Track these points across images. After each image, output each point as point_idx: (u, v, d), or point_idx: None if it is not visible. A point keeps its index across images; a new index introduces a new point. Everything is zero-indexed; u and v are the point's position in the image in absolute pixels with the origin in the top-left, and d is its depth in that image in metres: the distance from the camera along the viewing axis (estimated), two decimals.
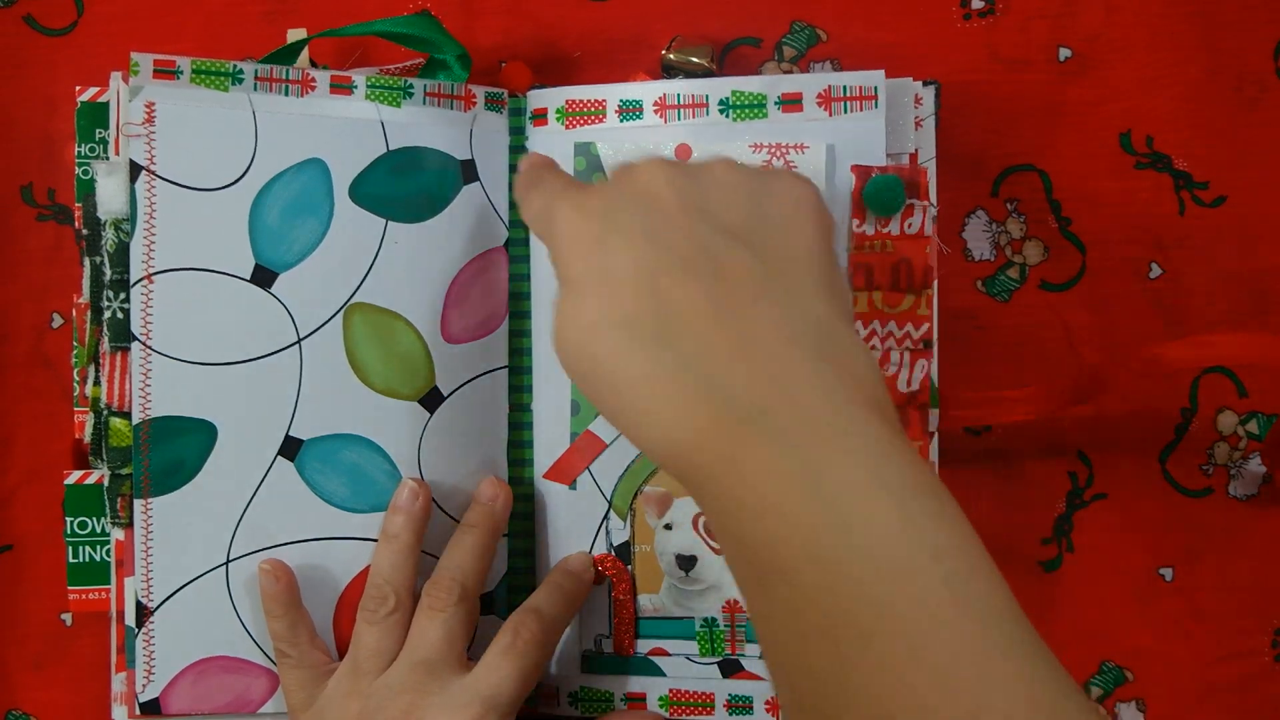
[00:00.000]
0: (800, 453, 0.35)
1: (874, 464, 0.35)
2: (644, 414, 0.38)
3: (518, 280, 0.55)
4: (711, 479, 0.37)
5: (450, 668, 0.50)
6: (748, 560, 0.37)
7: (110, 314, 0.52)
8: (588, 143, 0.53)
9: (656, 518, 0.54)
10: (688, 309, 0.38)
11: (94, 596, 0.55)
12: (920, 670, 0.33)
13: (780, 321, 0.38)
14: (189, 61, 0.51)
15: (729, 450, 0.36)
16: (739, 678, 0.53)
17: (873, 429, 0.36)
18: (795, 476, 0.35)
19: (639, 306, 0.38)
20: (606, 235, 0.39)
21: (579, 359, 0.39)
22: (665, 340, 0.37)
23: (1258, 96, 0.56)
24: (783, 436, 0.36)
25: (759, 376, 0.37)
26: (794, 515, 0.35)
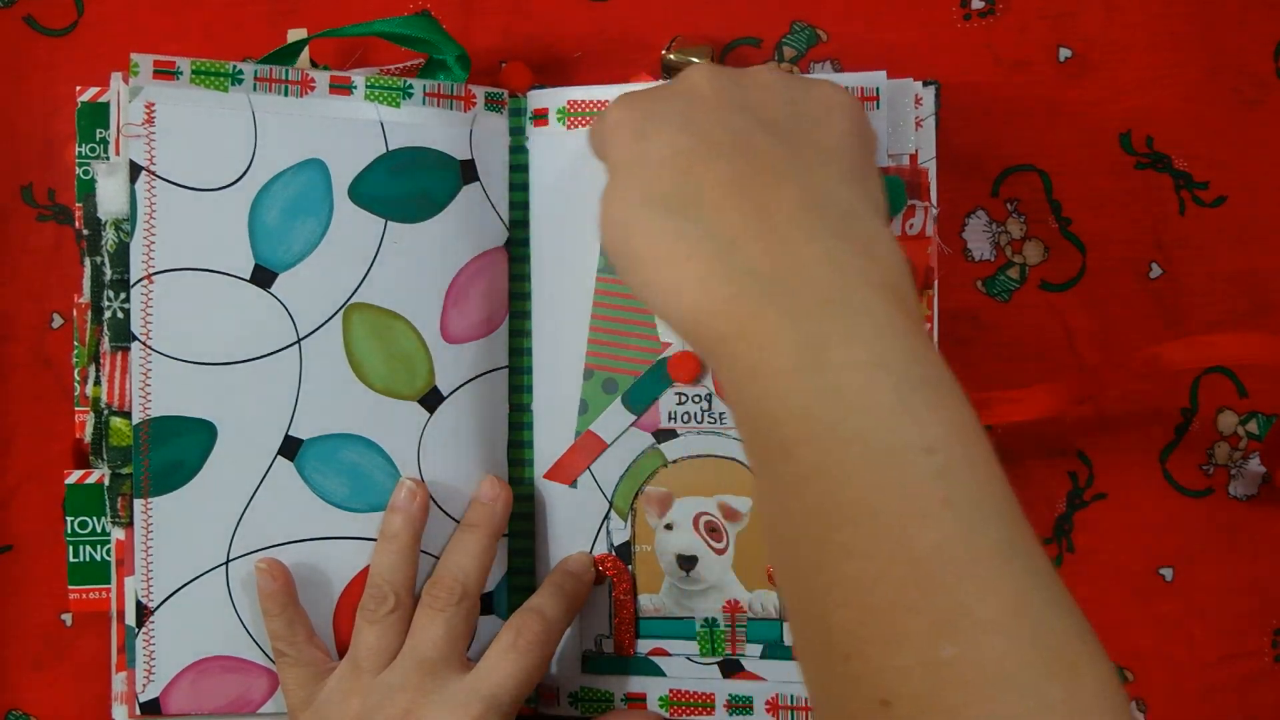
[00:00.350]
0: (806, 325, 0.36)
1: (878, 345, 0.36)
2: (671, 284, 0.39)
3: (518, 280, 0.55)
4: (728, 349, 0.38)
5: (451, 667, 0.50)
6: (755, 436, 0.38)
7: (110, 314, 0.52)
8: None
9: (657, 518, 0.54)
10: (713, 186, 0.39)
11: (94, 596, 0.55)
12: (901, 564, 0.33)
13: (801, 200, 0.38)
14: (189, 62, 0.51)
15: (741, 319, 0.37)
16: (739, 678, 0.53)
17: (883, 311, 0.36)
18: (799, 348, 0.36)
19: (671, 185, 0.40)
20: (647, 124, 0.41)
21: (617, 236, 0.41)
22: (691, 214, 0.39)
23: (1258, 96, 0.56)
24: (792, 307, 0.36)
25: (774, 249, 0.37)
26: (795, 389, 0.36)
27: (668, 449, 0.53)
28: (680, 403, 0.53)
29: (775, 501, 0.37)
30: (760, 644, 0.53)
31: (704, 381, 0.53)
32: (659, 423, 0.53)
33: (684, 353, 0.52)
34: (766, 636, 0.53)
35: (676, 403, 0.53)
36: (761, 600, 0.53)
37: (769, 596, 0.53)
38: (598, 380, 0.54)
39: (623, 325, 0.53)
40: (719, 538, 0.53)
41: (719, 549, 0.53)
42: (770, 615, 0.53)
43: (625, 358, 0.53)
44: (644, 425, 0.53)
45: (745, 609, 0.53)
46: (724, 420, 0.53)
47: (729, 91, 0.42)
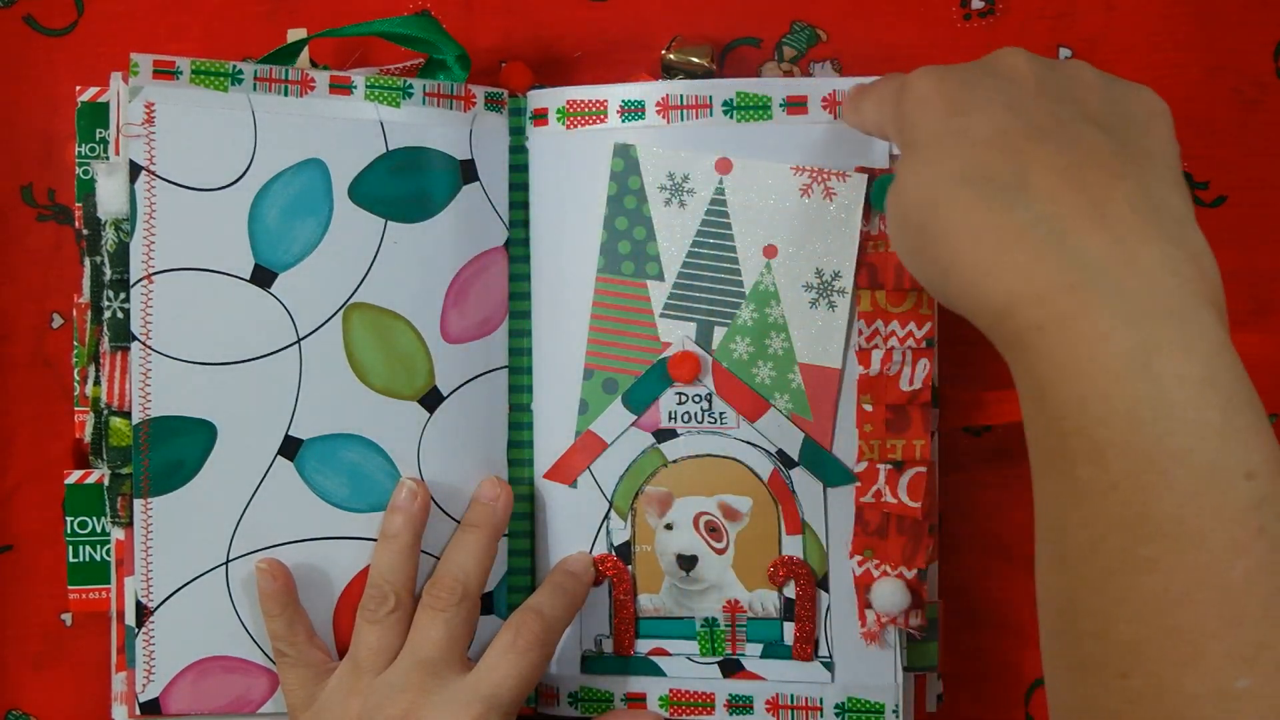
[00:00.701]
0: (1141, 328, 0.35)
1: (1211, 362, 0.35)
2: (985, 265, 0.37)
3: (517, 280, 0.55)
4: (1040, 338, 0.36)
5: (451, 667, 0.50)
6: (1056, 433, 0.36)
7: (110, 314, 0.52)
8: (627, 144, 0.53)
9: (657, 517, 0.54)
10: (1044, 171, 0.38)
11: (94, 596, 0.55)
12: (1211, 590, 0.33)
13: (1136, 199, 0.37)
14: (188, 62, 0.51)
15: (1067, 310, 0.35)
16: (739, 678, 0.53)
17: (1213, 326, 0.35)
18: (1129, 350, 0.34)
19: (998, 164, 0.38)
20: (965, 99, 0.40)
21: (919, 212, 0.39)
22: (1021, 196, 0.37)
23: (1258, 97, 0.56)
24: (1126, 307, 0.35)
25: (1111, 244, 0.36)
26: (1117, 391, 0.34)
27: (668, 449, 0.53)
28: (680, 402, 0.53)
29: (1067, 504, 0.36)
30: (760, 644, 0.53)
31: (704, 381, 0.53)
32: (659, 422, 0.53)
33: (684, 352, 0.52)
34: (766, 636, 0.53)
35: (677, 402, 0.53)
36: (761, 600, 0.53)
37: (769, 596, 0.53)
38: (598, 380, 0.54)
39: (623, 325, 0.53)
40: (719, 537, 0.53)
41: (719, 549, 0.53)
42: (770, 615, 0.53)
43: (625, 358, 0.53)
44: (644, 425, 0.53)
45: (745, 609, 0.53)
46: (724, 420, 0.53)
47: (1051, 79, 0.41)
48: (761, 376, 0.52)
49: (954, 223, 0.38)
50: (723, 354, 0.52)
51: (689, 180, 0.52)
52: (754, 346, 0.52)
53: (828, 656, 0.52)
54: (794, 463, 0.52)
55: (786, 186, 0.52)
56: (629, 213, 0.53)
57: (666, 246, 0.53)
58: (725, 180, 0.52)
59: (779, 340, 0.52)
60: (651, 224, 0.53)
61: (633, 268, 0.53)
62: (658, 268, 0.53)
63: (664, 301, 0.53)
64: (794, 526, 0.52)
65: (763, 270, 0.52)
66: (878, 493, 0.51)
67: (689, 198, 0.53)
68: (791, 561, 0.52)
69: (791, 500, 0.52)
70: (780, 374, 0.52)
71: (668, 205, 0.53)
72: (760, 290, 0.52)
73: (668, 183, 0.53)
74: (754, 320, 0.52)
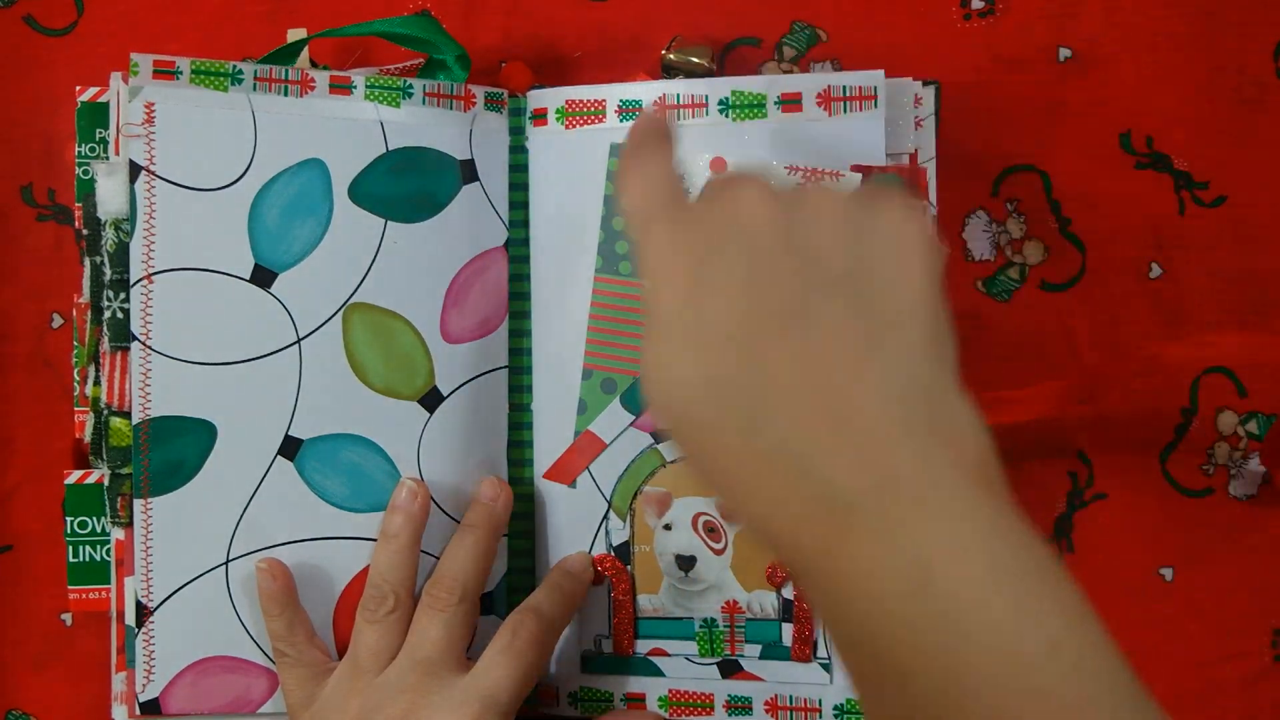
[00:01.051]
0: (908, 547, 0.33)
1: (987, 553, 0.33)
2: (741, 493, 0.36)
3: (517, 280, 0.55)
4: (814, 569, 0.34)
5: (450, 667, 0.50)
6: (859, 662, 0.35)
7: (110, 314, 0.52)
8: (623, 144, 0.53)
9: (656, 518, 0.54)
10: (784, 379, 0.35)
11: (94, 596, 0.55)
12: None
13: (883, 391, 0.34)
14: (188, 62, 0.51)
15: (830, 541, 0.34)
16: (738, 678, 0.53)
17: (985, 511, 0.33)
18: (903, 572, 0.33)
19: (734, 371, 0.35)
20: (703, 279, 0.36)
21: (671, 412, 0.37)
22: (760, 417, 0.35)
23: (1258, 96, 0.56)
24: (888, 528, 0.33)
25: (859, 460, 0.34)
26: (904, 615, 0.33)
27: (667, 449, 0.53)
28: None
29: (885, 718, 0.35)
30: (759, 644, 0.53)
31: None
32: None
33: None
34: (765, 637, 0.53)
35: None
36: (760, 601, 0.53)
37: (767, 597, 0.53)
38: (596, 380, 0.54)
39: (620, 325, 0.53)
40: (718, 538, 0.53)
41: (718, 549, 0.53)
42: (769, 616, 0.53)
43: (624, 358, 0.53)
44: (643, 425, 0.53)
45: (744, 609, 0.53)
46: None
47: (792, 234, 0.37)
48: None
49: (705, 442, 0.36)
50: None
51: (684, 180, 0.52)
52: None
53: (826, 658, 0.52)
54: None
55: (781, 185, 0.51)
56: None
57: None
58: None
59: None
60: None
61: (630, 268, 0.53)
62: None
63: None
64: None
65: None
66: None
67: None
68: None
69: None
70: None
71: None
72: None
73: None
74: None
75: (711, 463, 0.36)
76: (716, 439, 0.36)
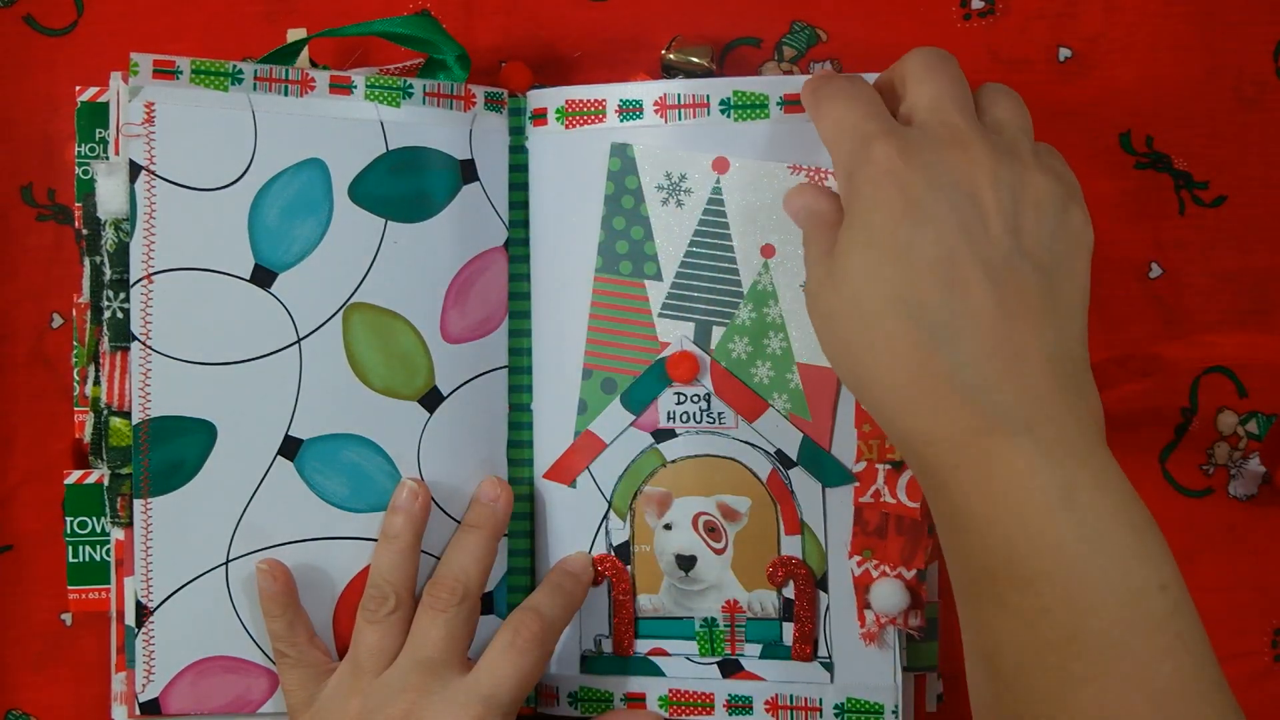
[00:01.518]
0: (1061, 468, 0.39)
1: (1119, 495, 0.39)
2: (901, 398, 0.41)
3: (517, 280, 0.55)
4: (956, 476, 0.40)
5: (451, 668, 0.50)
6: (981, 565, 0.39)
7: (110, 314, 0.52)
8: (624, 144, 0.53)
9: (656, 518, 0.54)
10: (978, 312, 0.40)
11: (94, 596, 0.55)
12: (1143, 695, 0.37)
13: (1052, 349, 0.40)
14: (189, 61, 0.51)
15: (987, 455, 0.39)
16: (738, 678, 0.53)
17: (1112, 462, 0.40)
18: (1051, 490, 0.38)
19: (935, 296, 0.40)
20: (923, 206, 0.40)
21: (845, 319, 0.42)
22: (947, 338, 0.40)
23: (1257, 96, 0.56)
24: (1044, 452, 0.39)
25: (1028, 394, 0.39)
26: (1043, 527, 0.38)
27: (666, 449, 0.53)
28: (679, 402, 0.53)
29: (1000, 629, 0.39)
30: (759, 644, 0.53)
31: (702, 381, 0.53)
32: (658, 422, 0.53)
33: (682, 352, 0.52)
34: (765, 636, 0.53)
35: (675, 402, 0.53)
36: (760, 600, 0.53)
37: (768, 596, 0.53)
38: (596, 380, 0.54)
39: (620, 325, 0.53)
40: (718, 538, 0.53)
41: (718, 549, 0.53)
42: (769, 615, 0.53)
43: (624, 358, 0.53)
44: (643, 425, 0.53)
45: (744, 609, 0.53)
46: (722, 420, 0.53)
47: (1008, 204, 0.41)
48: (760, 376, 0.52)
49: (878, 345, 0.41)
50: (721, 354, 0.52)
51: (686, 180, 0.52)
52: (752, 346, 0.52)
53: (827, 657, 0.52)
54: (792, 463, 0.52)
55: (783, 186, 0.52)
56: (626, 212, 0.53)
57: (664, 246, 0.53)
58: (722, 180, 0.52)
59: (777, 340, 0.52)
60: (649, 224, 0.53)
61: (630, 268, 0.53)
62: (655, 267, 0.53)
63: (662, 301, 0.53)
64: (793, 526, 0.52)
65: (760, 270, 0.52)
66: (876, 493, 0.51)
67: (686, 197, 0.53)
68: (790, 562, 0.52)
69: (790, 500, 0.52)
70: (779, 374, 0.52)
71: (665, 205, 0.53)
72: (758, 290, 0.52)
73: (665, 182, 0.53)
74: (752, 320, 0.52)
75: (880, 373, 0.41)
76: (894, 351, 0.40)
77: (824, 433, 0.52)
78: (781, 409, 0.52)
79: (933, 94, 0.43)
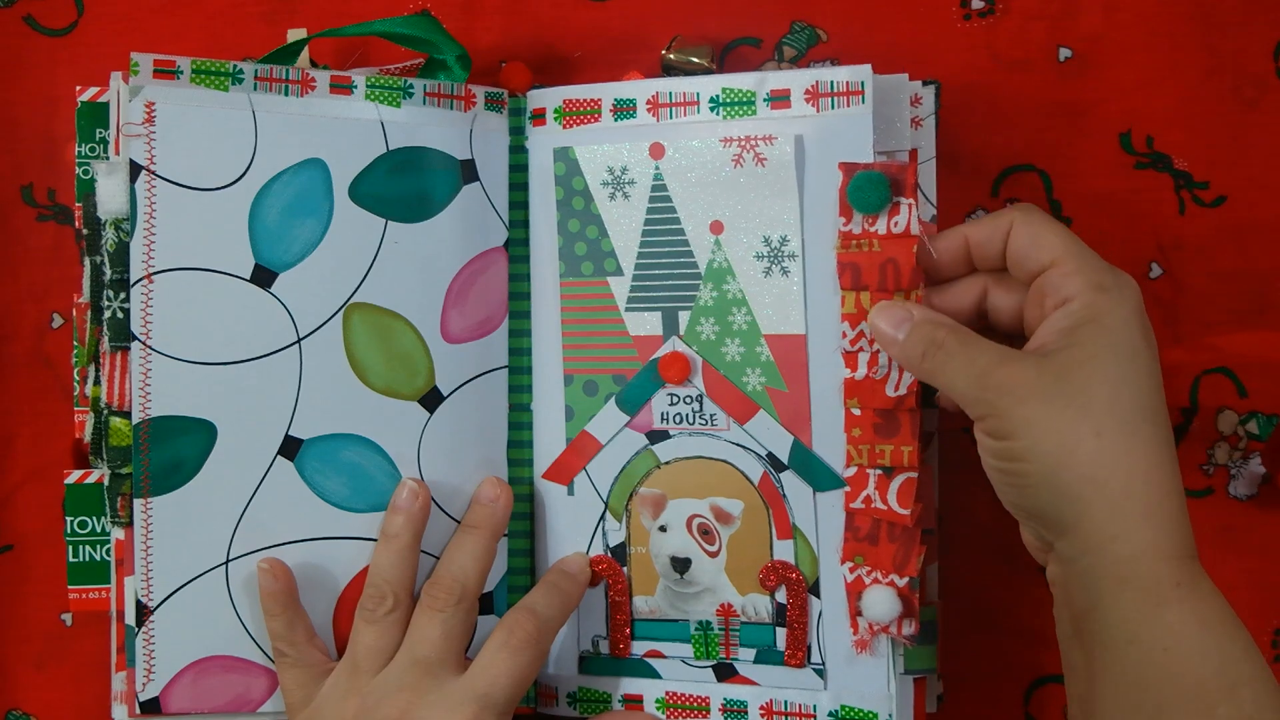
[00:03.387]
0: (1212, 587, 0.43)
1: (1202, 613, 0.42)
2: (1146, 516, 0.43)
3: (517, 280, 0.55)
4: (1184, 596, 0.42)
5: (448, 667, 0.50)
6: (1183, 691, 0.42)
7: (110, 314, 0.52)
8: (565, 147, 0.53)
9: (651, 519, 0.53)
10: (1167, 423, 0.44)
11: (94, 596, 0.55)
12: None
13: (1176, 486, 0.44)
14: (189, 61, 0.51)
15: (1194, 576, 0.42)
16: (733, 682, 0.53)
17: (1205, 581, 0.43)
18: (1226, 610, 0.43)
19: (1155, 409, 0.44)
20: (1149, 332, 0.45)
21: (1057, 463, 0.43)
22: (1165, 445, 0.44)
23: (1257, 96, 0.56)
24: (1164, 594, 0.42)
25: (1170, 542, 0.43)
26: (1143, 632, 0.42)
27: (660, 450, 0.53)
28: (672, 403, 0.53)
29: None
30: (753, 648, 0.53)
31: (694, 382, 0.52)
32: (652, 423, 0.53)
33: (674, 353, 0.52)
34: (759, 641, 0.53)
35: (668, 403, 0.53)
36: (754, 604, 0.53)
37: (761, 601, 0.53)
38: (578, 384, 0.54)
39: (591, 326, 0.54)
40: (711, 540, 0.53)
41: (711, 551, 0.53)
42: (762, 619, 0.53)
43: (600, 357, 0.53)
44: (637, 426, 0.53)
45: (738, 613, 0.53)
46: (714, 422, 0.52)
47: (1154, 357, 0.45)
48: (731, 354, 0.52)
49: (1118, 451, 0.43)
50: (691, 338, 0.52)
51: (628, 171, 0.52)
52: (719, 325, 0.52)
53: (820, 663, 0.52)
54: (784, 466, 0.52)
55: (719, 160, 0.51)
56: (579, 214, 0.53)
57: (619, 241, 0.53)
58: (661, 165, 0.52)
59: (741, 315, 0.52)
60: (601, 221, 0.53)
61: (592, 268, 0.53)
62: (615, 263, 0.53)
63: (627, 296, 0.53)
64: (784, 531, 0.52)
65: (713, 247, 0.52)
66: (867, 498, 0.50)
67: (631, 189, 0.53)
68: (782, 566, 0.52)
69: (782, 504, 0.52)
70: (749, 348, 0.52)
71: (613, 200, 0.53)
72: (715, 268, 0.52)
73: (608, 177, 0.53)
74: (714, 299, 0.52)
75: (1080, 497, 0.43)
76: (1131, 458, 0.43)
77: (803, 403, 0.51)
78: (757, 384, 0.52)
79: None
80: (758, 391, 0.52)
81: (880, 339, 0.48)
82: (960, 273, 0.49)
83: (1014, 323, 0.48)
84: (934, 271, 0.50)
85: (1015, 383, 0.43)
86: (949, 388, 0.46)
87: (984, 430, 0.45)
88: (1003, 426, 0.44)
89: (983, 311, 0.49)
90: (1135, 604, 0.42)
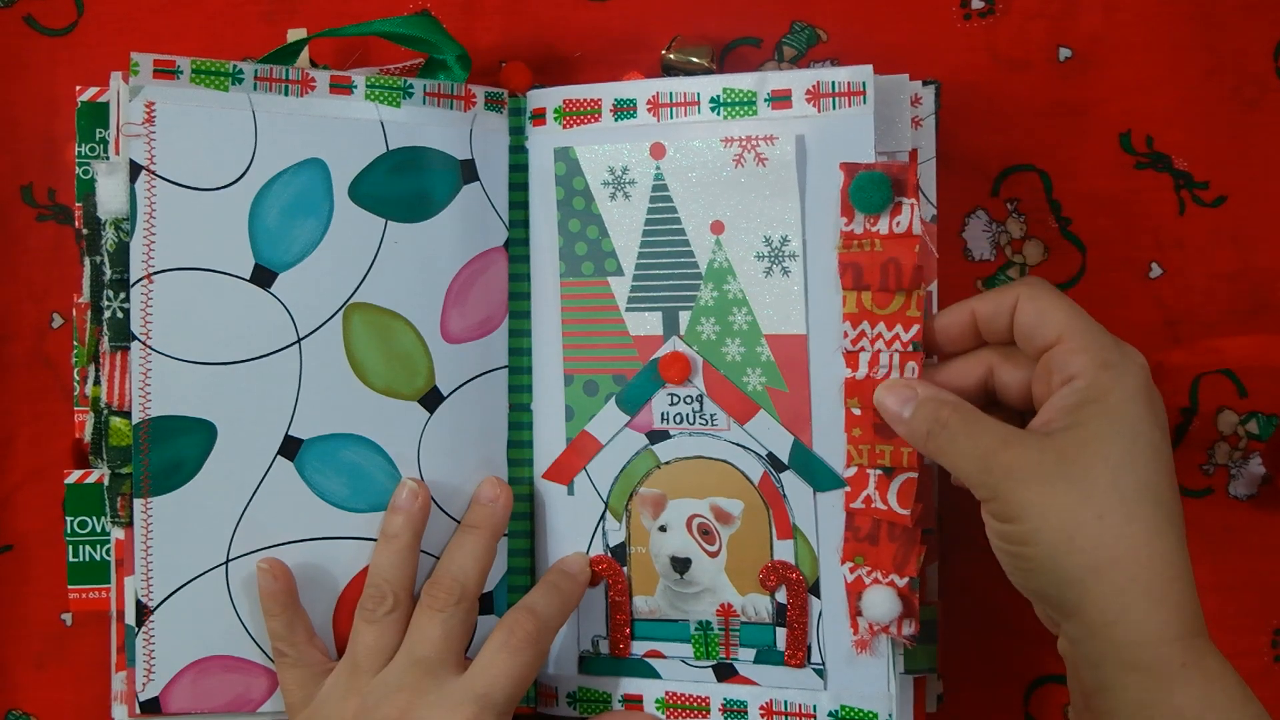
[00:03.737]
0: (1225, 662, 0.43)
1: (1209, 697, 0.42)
2: (1140, 589, 0.42)
3: (517, 280, 0.55)
4: (1191, 675, 0.42)
5: (447, 667, 0.50)
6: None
7: (110, 313, 0.52)
8: (566, 147, 0.53)
9: (651, 519, 0.53)
10: (1176, 498, 0.45)
11: (94, 596, 0.55)
12: None
13: (1184, 566, 0.44)
14: (189, 61, 0.51)
15: (1201, 654, 0.42)
16: (733, 682, 0.53)
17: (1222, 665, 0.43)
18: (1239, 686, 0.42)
19: (1167, 486, 0.44)
20: (1159, 406, 0.44)
21: (1068, 545, 0.43)
22: (1174, 527, 0.44)
23: (1257, 96, 0.56)
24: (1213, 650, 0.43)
25: (1179, 623, 0.42)
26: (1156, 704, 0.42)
27: (661, 450, 0.53)
28: (672, 403, 0.53)
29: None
30: (753, 649, 0.53)
31: (694, 382, 0.52)
32: (652, 423, 0.53)
33: (674, 353, 0.52)
34: (759, 641, 0.53)
35: (669, 403, 0.53)
36: (754, 604, 0.53)
37: (761, 601, 0.53)
38: (578, 384, 0.54)
39: (592, 325, 0.54)
40: (711, 540, 0.53)
41: (711, 551, 0.53)
42: (763, 620, 0.53)
43: (600, 357, 0.53)
44: (637, 426, 0.53)
45: (738, 613, 0.53)
46: (714, 422, 0.53)
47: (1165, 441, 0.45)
48: (731, 354, 0.52)
49: (1124, 526, 0.43)
50: (692, 338, 0.52)
51: (628, 172, 0.52)
52: (720, 325, 0.52)
53: (820, 663, 0.52)
54: (784, 466, 0.52)
55: (720, 160, 0.51)
56: (579, 214, 0.53)
57: (620, 241, 0.53)
58: (661, 165, 0.52)
59: (742, 315, 0.52)
60: (602, 221, 0.53)
61: (592, 268, 0.53)
62: (616, 263, 0.53)
63: (627, 296, 0.53)
64: (785, 531, 0.52)
65: (714, 247, 0.52)
66: (868, 498, 0.50)
67: (631, 189, 0.53)
68: (782, 566, 0.52)
69: (782, 504, 0.52)
70: (749, 348, 0.52)
71: (613, 200, 0.53)
72: (715, 268, 0.52)
73: (609, 177, 0.53)
74: (715, 299, 0.52)
75: (1107, 543, 0.43)
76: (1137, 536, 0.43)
77: (803, 403, 0.52)
78: (758, 384, 0.52)
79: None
80: (758, 391, 0.52)
81: (886, 416, 0.48)
82: (968, 346, 0.49)
83: (1023, 397, 0.48)
84: (941, 345, 0.49)
85: (1018, 465, 0.43)
86: (954, 468, 0.46)
87: (989, 512, 0.44)
88: (1007, 510, 0.43)
89: (991, 386, 0.49)
90: (1143, 686, 0.42)
